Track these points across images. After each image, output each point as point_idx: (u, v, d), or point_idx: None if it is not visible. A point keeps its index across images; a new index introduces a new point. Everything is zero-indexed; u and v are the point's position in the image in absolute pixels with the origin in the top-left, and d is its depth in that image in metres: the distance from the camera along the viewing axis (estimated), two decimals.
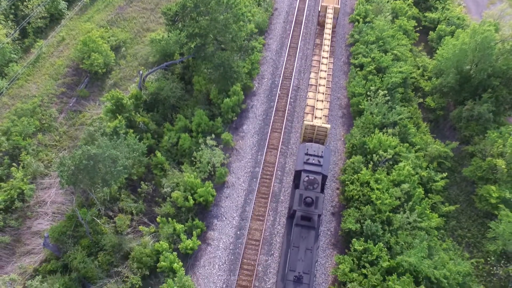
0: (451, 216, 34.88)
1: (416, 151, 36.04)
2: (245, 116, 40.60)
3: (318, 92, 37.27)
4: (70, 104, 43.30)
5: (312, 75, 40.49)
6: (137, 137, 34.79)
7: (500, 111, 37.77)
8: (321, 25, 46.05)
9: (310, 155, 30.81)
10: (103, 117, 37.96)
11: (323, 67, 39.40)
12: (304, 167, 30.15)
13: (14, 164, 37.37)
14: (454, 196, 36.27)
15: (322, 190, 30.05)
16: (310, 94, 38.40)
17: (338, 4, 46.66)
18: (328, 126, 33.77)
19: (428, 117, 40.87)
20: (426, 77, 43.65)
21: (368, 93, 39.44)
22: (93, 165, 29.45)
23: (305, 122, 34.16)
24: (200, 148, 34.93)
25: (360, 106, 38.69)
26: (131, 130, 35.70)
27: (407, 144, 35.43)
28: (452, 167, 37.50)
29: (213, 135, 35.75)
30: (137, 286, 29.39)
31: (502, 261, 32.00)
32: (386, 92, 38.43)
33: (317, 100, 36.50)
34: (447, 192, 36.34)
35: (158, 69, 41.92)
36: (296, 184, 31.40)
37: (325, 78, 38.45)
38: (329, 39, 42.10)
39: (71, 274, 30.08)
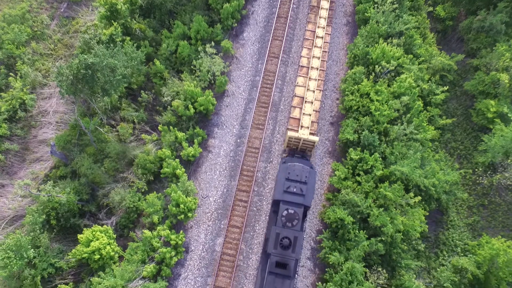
0: (447, 129, 35.82)
1: (419, 63, 35.37)
2: (245, 22, 38.85)
3: (308, 89, 32.05)
4: (62, 10, 41.19)
5: (304, 52, 34.07)
6: (135, 45, 33.72)
7: None
8: None
9: (292, 181, 26.84)
10: (98, 24, 36.30)
11: (316, 51, 32.78)
12: (283, 197, 26.43)
13: (11, 74, 36.93)
14: (452, 109, 36.78)
15: (302, 226, 26.78)
16: (300, 80, 32.27)
17: None
18: (316, 139, 29.47)
19: (436, 27, 39.25)
20: None
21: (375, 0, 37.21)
22: (92, 75, 29.11)
23: (288, 133, 29.62)
24: (199, 56, 34.12)
25: (366, 14, 36.76)
26: (128, 38, 34.48)
27: (411, 56, 34.59)
28: (454, 81, 37.30)
29: (212, 43, 34.60)
30: (142, 190, 31.22)
31: (489, 172, 33.70)
32: None
33: (306, 102, 31.58)
34: (446, 105, 36.74)
35: None
36: (274, 211, 27.94)
37: (317, 69, 32.92)
38: (327, 9, 35.49)
39: (80, 179, 31.85)
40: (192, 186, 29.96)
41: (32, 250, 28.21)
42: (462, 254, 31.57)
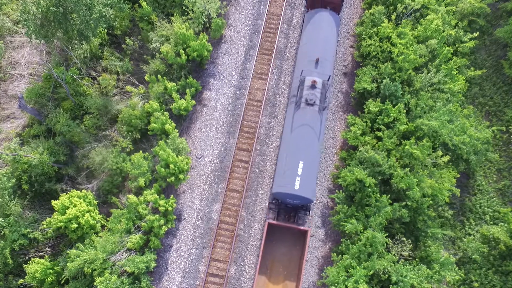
0: (474, 83, 32.10)
1: (446, 5, 30.82)
2: None
3: None
4: None
5: None
6: None
7: None
8: None
9: None
10: None
11: None
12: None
13: None
14: (480, 60, 33.05)
15: None
16: None
17: None
18: None
19: None
20: None
21: None
22: (64, 13, 25.19)
23: None
24: None
25: None
26: None
27: None
28: (483, 28, 33.07)
29: None
30: (127, 150, 27.48)
31: None
32: None
33: None
34: (473, 55, 32.87)
35: None
36: None
37: None
38: None
39: (56, 138, 28.35)
40: (184, 143, 25.91)
41: (0, 218, 24.86)
42: (491, 222, 28.16)
